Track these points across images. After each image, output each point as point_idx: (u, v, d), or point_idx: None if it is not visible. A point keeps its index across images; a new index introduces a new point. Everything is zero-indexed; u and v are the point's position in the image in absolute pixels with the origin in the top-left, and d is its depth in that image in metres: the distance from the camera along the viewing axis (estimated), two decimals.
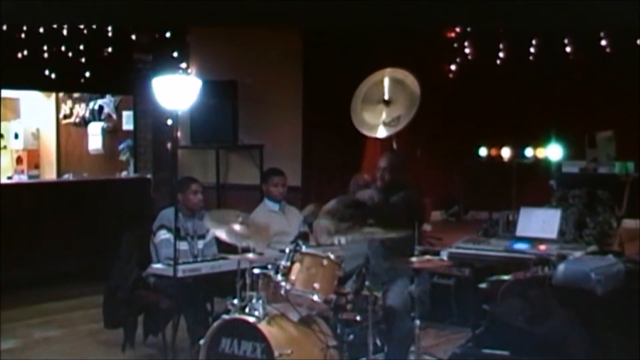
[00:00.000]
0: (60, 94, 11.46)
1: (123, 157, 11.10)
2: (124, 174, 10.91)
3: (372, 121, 6.01)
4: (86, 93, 11.14)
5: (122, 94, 10.97)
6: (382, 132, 5.99)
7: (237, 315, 5.22)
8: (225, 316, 5.27)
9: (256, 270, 5.47)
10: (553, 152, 8.67)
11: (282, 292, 5.27)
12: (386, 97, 5.94)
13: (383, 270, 5.60)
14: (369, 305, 5.20)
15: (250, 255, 5.43)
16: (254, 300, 5.23)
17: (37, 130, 11.56)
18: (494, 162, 9.82)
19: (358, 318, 5.31)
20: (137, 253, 6.49)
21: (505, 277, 5.48)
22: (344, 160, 9.17)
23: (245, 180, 9.71)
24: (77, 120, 11.43)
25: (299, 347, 5.07)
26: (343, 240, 6.31)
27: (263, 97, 9.71)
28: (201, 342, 5.27)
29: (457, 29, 9.79)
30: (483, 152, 10.08)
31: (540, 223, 6.44)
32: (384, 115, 5.95)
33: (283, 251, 5.51)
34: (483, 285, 5.65)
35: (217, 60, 10.10)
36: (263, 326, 5.07)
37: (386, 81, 6.00)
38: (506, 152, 9.10)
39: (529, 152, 9.54)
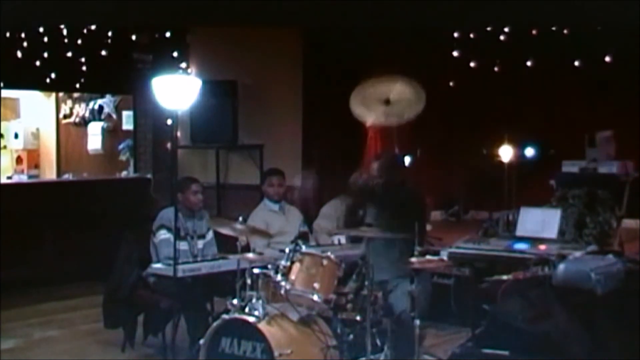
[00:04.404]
0: (60, 94, 11.47)
1: (123, 157, 11.10)
2: (124, 174, 10.91)
3: (367, 108, 5.99)
4: (86, 93, 11.15)
5: (122, 93, 10.97)
6: (381, 117, 5.95)
7: (237, 315, 5.22)
8: (225, 316, 5.27)
9: (256, 270, 5.47)
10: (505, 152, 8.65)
11: (282, 292, 5.27)
12: (386, 97, 5.92)
13: (382, 270, 5.60)
14: (369, 305, 5.20)
15: (250, 255, 5.43)
16: (253, 300, 5.23)
17: (37, 130, 11.57)
18: (494, 162, 9.81)
19: (358, 318, 5.30)
20: (137, 253, 6.48)
21: (505, 277, 5.47)
22: (343, 160, 9.16)
23: (245, 180, 9.72)
24: (77, 120, 11.44)
25: (298, 347, 5.07)
26: (343, 240, 6.32)
27: (263, 97, 9.71)
28: (201, 342, 5.27)
29: (458, 31, 9.79)
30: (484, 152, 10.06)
31: (540, 223, 6.43)
32: (378, 110, 5.92)
33: (283, 251, 5.51)
34: (483, 285, 5.64)
35: (217, 60, 10.10)
36: (263, 326, 5.07)
37: (391, 87, 5.97)
38: (506, 152, 9.07)
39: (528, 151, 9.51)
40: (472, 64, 9.84)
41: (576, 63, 9.07)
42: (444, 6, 7.21)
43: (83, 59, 9.77)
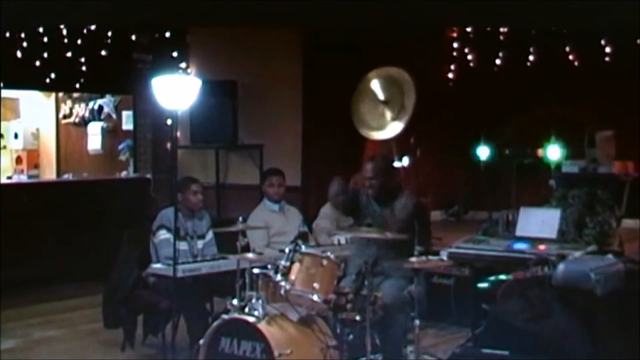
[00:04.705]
0: (60, 94, 11.46)
1: (123, 157, 11.10)
2: (123, 174, 10.91)
3: (374, 123, 5.96)
4: (86, 93, 11.14)
5: (122, 93, 10.97)
6: (387, 133, 5.92)
7: (236, 315, 5.22)
8: (225, 316, 5.27)
9: (256, 270, 5.47)
10: (552, 152, 8.64)
11: (282, 292, 5.27)
12: (382, 97, 5.89)
13: (382, 269, 5.61)
14: (369, 305, 5.20)
15: (250, 255, 5.43)
16: (253, 300, 5.23)
17: (37, 130, 11.57)
18: (494, 162, 9.82)
19: (357, 318, 5.30)
20: (137, 253, 6.48)
21: (505, 277, 5.47)
22: (343, 160, 9.17)
23: (245, 180, 9.71)
24: (77, 120, 11.43)
25: (298, 347, 5.07)
26: (343, 240, 6.32)
27: (263, 97, 9.71)
28: (201, 342, 5.27)
29: (457, 30, 9.80)
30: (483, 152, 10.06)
31: (540, 223, 6.43)
32: (385, 115, 5.89)
33: (283, 251, 5.51)
34: (483, 285, 5.64)
35: (217, 60, 10.10)
36: (262, 326, 5.07)
37: (377, 82, 5.93)
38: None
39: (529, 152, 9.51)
40: (472, 64, 9.86)
41: (576, 63, 9.08)
42: (444, 6, 7.20)
43: (83, 59, 9.77)
